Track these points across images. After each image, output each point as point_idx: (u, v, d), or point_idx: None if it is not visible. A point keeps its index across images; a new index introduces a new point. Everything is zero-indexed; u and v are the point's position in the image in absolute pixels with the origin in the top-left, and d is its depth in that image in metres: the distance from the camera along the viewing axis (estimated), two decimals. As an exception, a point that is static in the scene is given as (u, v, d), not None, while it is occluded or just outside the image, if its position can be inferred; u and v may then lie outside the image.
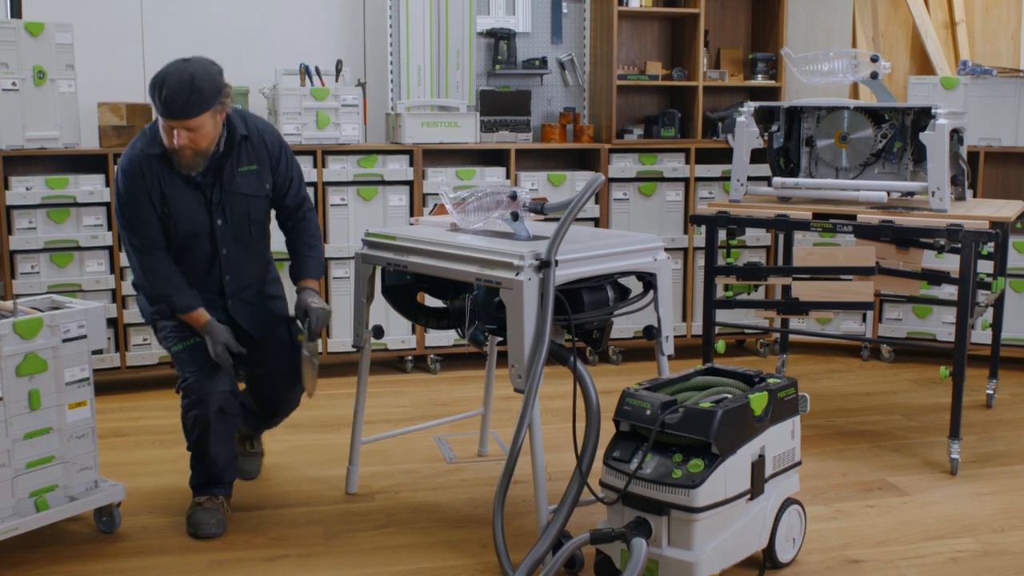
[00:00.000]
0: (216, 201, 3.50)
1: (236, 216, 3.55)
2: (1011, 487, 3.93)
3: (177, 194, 3.45)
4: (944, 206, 4.05)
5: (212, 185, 3.49)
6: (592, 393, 3.11)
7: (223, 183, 3.50)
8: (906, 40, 6.68)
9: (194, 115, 3.28)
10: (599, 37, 5.89)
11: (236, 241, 3.59)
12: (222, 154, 3.48)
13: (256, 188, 3.57)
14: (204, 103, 3.30)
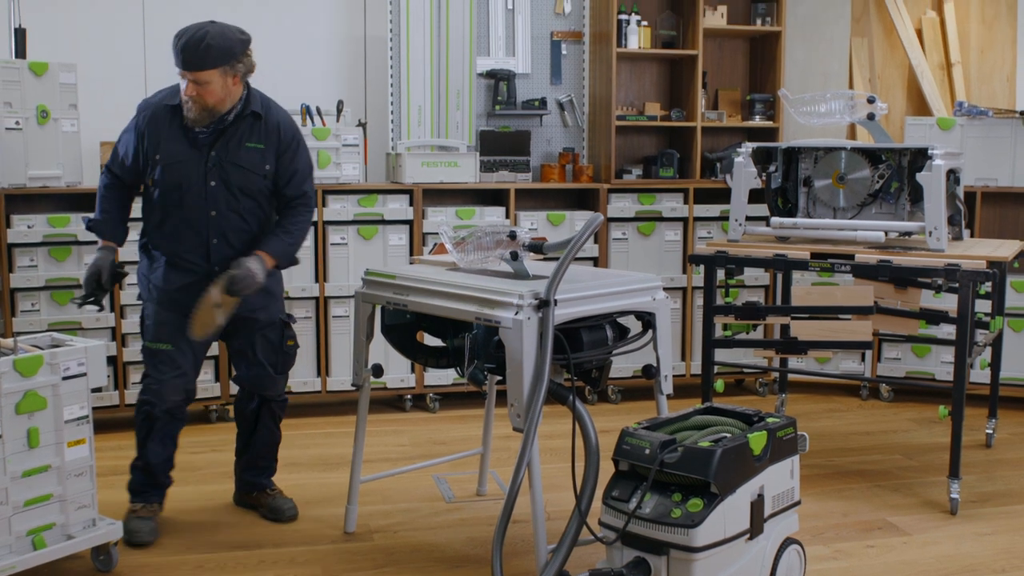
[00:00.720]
0: (213, 164, 3.65)
1: (230, 184, 3.67)
2: (1012, 527, 3.92)
3: (174, 146, 3.64)
4: (941, 246, 4.06)
5: (212, 147, 3.65)
6: (591, 432, 3.11)
7: (226, 150, 3.66)
8: (902, 81, 6.73)
9: (199, 69, 3.51)
10: (598, 78, 5.94)
11: (228, 208, 3.69)
12: (231, 123, 3.66)
13: (255, 165, 3.69)
14: (211, 61, 3.52)
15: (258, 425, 4.01)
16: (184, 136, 3.65)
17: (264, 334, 3.88)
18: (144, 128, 3.68)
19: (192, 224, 3.68)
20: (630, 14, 5.84)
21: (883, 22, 6.68)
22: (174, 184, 3.66)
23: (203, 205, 3.66)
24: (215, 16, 3.68)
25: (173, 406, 3.76)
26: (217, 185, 3.66)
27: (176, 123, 3.65)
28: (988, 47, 6.76)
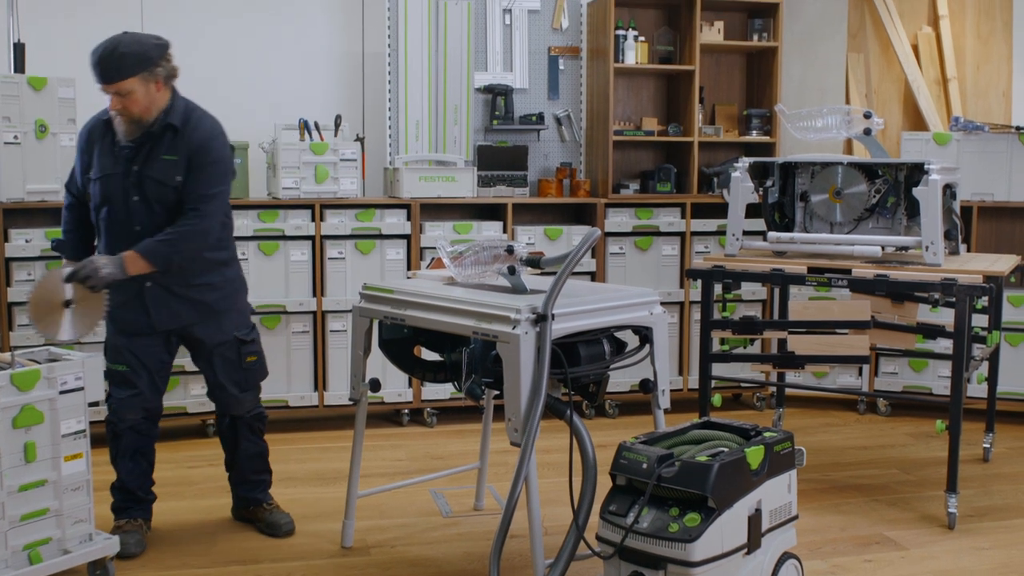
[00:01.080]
0: (134, 179, 3.64)
1: (150, 198, 3.65)
2: (1009, 541, 3.92)
3: (104, 160, 3.67)
4: (938, 260, 4.07)
5: (132, 160, 3.64)
6: (589, 447, 3.11)
7: (146, 163, 3.64)
8: (899, 97, 6.76)
9: (116, 80, 3.51)
10: (595, 93, 5.96)
11: (150, 223, 3.65)
12: (151, 135, 3.63)
13: (168, 177, 3.63)
14: (128, 69, 3.51)
15: (238, 439, 4.01)
16: (112, 151, 3.67)
17: (220, 353, 3.87)
18: (84, 145, 3.74)
19: (121, 240, 3.66)
20: (627, 29, 5.86)
21: (879, 38, 6.70)
22: (104, 199, 3.69)
23: (128, 220, 3.66)
24: (215, 31, 3.69)
25: (135, 423, 3.80)
26: (139, 200, 3.65)
27: (108, 138, 3.68)
28: (984, 62, 6.78)
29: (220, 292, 3.85)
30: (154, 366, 3.81)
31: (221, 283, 3.85)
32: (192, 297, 3.78)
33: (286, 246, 5.32)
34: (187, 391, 5.22)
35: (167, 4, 5.74)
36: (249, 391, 3.97)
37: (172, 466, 4.81)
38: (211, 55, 5.80)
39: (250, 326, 3.98)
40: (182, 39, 5.73)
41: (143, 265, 3.61)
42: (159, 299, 3.73)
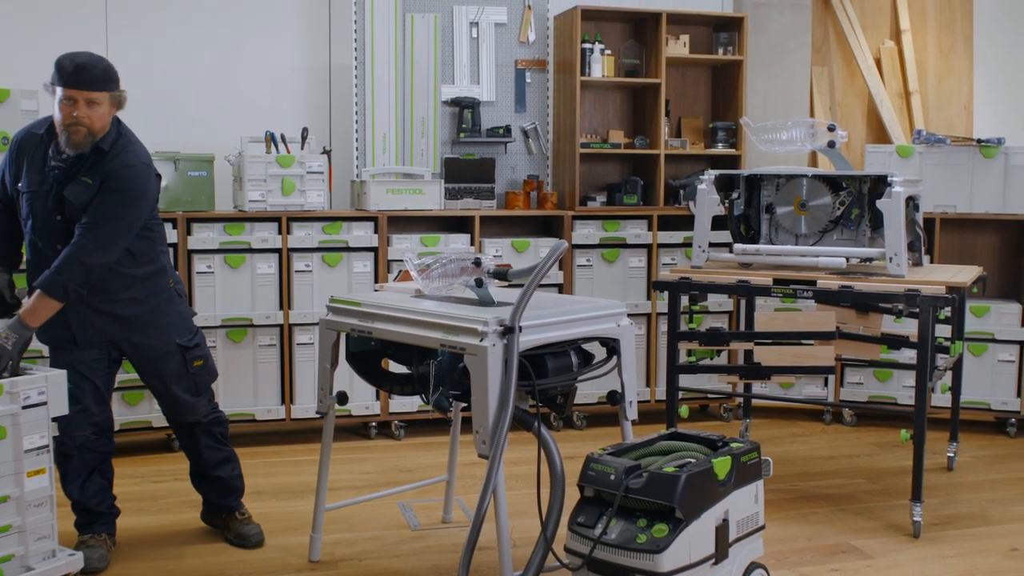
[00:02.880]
0: (56, 198, 3.58)
1: (69, 219, 3.57)
2: (973, 549, 3.95)
3: (32, 175, 3.60)
4: (902, 271, 4.11)
5: (60, 181, 3.57)
6: (556, 458, 3.11)
7: (68, 183, 3.57)
8: (862, 109, 6.83)
9: (99, 88, 3.52)
10: (562, 106, 5.98)
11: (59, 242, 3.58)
12: (83, 157, 3.57)
13: (79, 198, 3.56)
14: (104, 83, 3.55)
15: (199, 448, 4.00)
16: (42, 168, 3.60)
17: (165, 363, 3.83)
18: (14, 154, 3.67)
19: (44, 257, 3.61)
20: (594, 43, 5.89)
21: (843, 52, 6.77)
22: (29, 214, 3.64)
23: (50, 239, 3.60)
24: (180, 43, 3.70)
25: (84, 441, 3.73)
26: (61, 219, 3.59)
27: (40, 152, 3.61)
28: (945, 76, 6.87)
29: (145, 306, 3.77)
30: (98, 378, 3.75)
31: (145, 296, 3.77)
32: (115, 312, 3.72)
33: (252, 259, 5.30)
34: (152, 405, 5.18)
35: (132, 17, 5.71)
36: (202, 395, 3.93)
37: (137, 480, 4.76)
38: (177, 67, 5.78)
39: (192, 331, 3.92)
40: (147, 51, 5.73)
41: (46, 305, 3.49)
42: (80, 315, 3.66)
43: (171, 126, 5.76)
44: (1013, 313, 5.59)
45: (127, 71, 5.66)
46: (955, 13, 6.88)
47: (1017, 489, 4.73)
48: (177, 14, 5.80)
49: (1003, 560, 3.86)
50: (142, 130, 5.67)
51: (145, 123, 5.66)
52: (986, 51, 6.99)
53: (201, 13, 5.84)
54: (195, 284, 5.21)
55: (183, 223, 5.16)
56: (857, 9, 6.74)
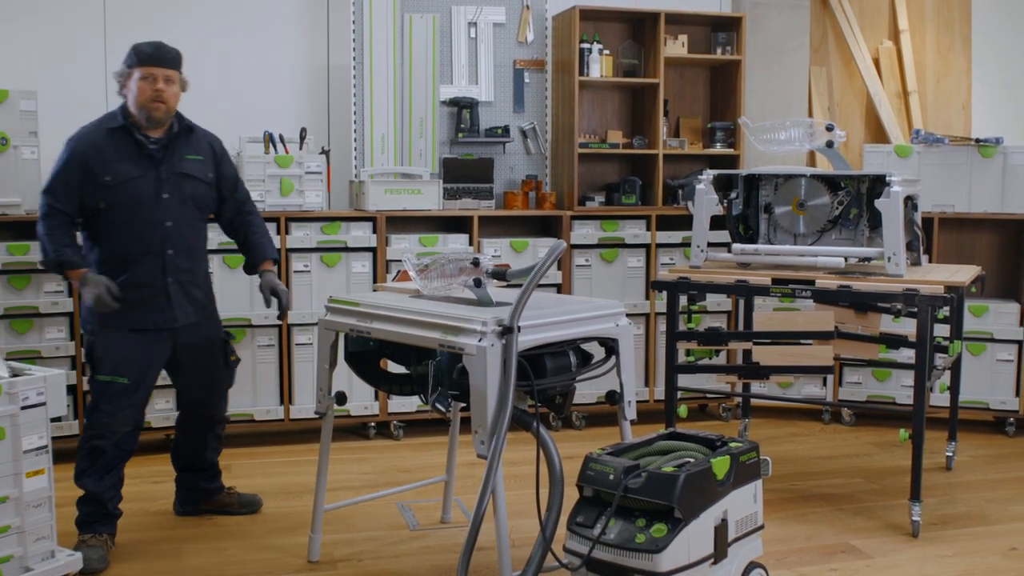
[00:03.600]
0: (165, 176, 3.83)
1: (182, 195, 3.87)
2: (972, 549, 3.96)
3: (127, 164, 3.78)
4: (900, 271, 4.11)
5: (162, 161, 3.83)
6: (555, 459, 3.11)
7: (173, 162, 3.85)
8: (861, 109, 6.83)
9: (175, 67, 3.83)
10: (561, 106, 5.98)
11: (180, 219, 3.87)
12: (175, 135, 3.87)
13: (202, 173, 3.93)
14: (180, 63, 3.87)
15: (206, 446, 4.14)
16: (138, 154, 3.81)
17: (211, 353, 4.03)
18: (85, 157, 3.76)
19: (145, 240, 3.80)
20: (592, 43, 5.89)
21: (841, 51, 6.77)
22: (127, 202, 3.77)
23: (158, 218, 3.81)
24: (179, 44, 3.74)
25: (121, 438, 3.83)
26: (170, 197, 3.83)
27: (123, 143, 3.80)
28: (944, 76, 6.87)
29: (207, 291, 4.06)
30: (151, 378, 3.91)
31: (206, 280, 4.05)
32: (196, 295, 3.96)
33: (251, 259, 5.29)
34: (151, 405, 5.18)
35: (131, 18, 5.70)
36: (227, 391, 4.15)
37: (136, 481, 4.76)
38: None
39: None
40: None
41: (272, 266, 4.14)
42: (179, 295, 3.90)
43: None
44: (1012, 313, 5.59)
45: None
46: (953, 13, 6.88)
47: (1016, 488, 4.73)
48: (175, 15, 5.79)
49: (1002, 559, 3.86)
50: (140, 130, 5.68)
51: (143, 123, 5.69)
52: (984, 51, 6.99)
53: (200, 14, 5.83)
54: (194, 284, 5.21)
55: (182, 223, 5.16)
56: (855, 9, 6.75)
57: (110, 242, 3.82)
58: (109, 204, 3.77)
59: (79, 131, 3.86)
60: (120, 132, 3.81)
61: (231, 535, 4.08)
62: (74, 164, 3.77)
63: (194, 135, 3.95)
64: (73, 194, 3.77)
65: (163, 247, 3.83)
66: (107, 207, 3.77)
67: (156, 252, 3.83)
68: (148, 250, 3.81)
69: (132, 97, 3.80)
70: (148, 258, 3.82)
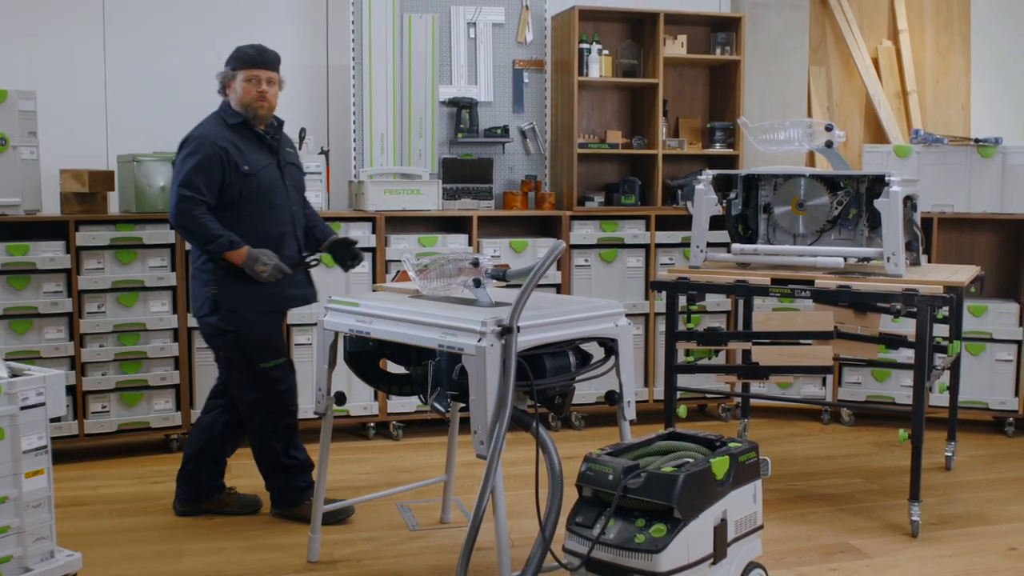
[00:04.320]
0: (283, 164, 4.18)
1: (294, 182, 4.24)
2: (972, 549, 3.96)
3: (256, 155, 4.08)
4: (899, 271, 4.11)
5: (277, 151, 4.17)
6: (555, 459, 3.11)
7: (282, 153, 4.19)
8: (860, 109, 6.83)
9: (276, 69, 4.13)
10: (560, 106, 5.98)
11: (296, 203, 4.22)
12: (275, 128, 4.20)
13: (298, 162, 4.34)
14: (280, 63, 4.18)
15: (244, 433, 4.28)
16: (259, 145, 4.11)
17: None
18: (222, 151, 3.99)
19: (284, 222, 4.14)
20: (591, 43, 5.89)
21: (840, 51, 6.78)
22: (265, 188, 4.07)
23: (287, 203, 4.16)
24: (178, 44, 3.76)
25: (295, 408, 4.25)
26: (288, 183, 4.18)
27: (247, 137, 4.09)
28: (943, 76, 6.87)
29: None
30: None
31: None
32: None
33: (250, 259, 5.29)
34: (150, 406, 5.18)
35: (129, 18, 5.70)
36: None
37: (136, 481, 4.76)
38: (174, 68, 5.77)
39: None
40: (144, 53, 5.73)
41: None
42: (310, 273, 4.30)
43: (169, 127, 5.72)
44: (1011, 313, 5.60)
45: (124, 73, 5.69)
46: (952, 13, 6.88)
47: (1015, 488, 4.73)
48: (174, 15, 5.79)
49: (1001, 559, 3.86)
50: (141, 131, 5.70)
51: (143, 124, 5.69)
52: (983, 51, 7.00)
53: (199, 14, 5.83)
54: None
55: (181, 224, 5.16)
56: (855, 9, 6.75)
57: (253, 227, 4.04)
58: (249, 192, 4.03)
59: (200, 130, 4.05)
60: (240, 127, 4.08)
61: (231, 535, 4.08)
62: (213, 158, 3.96)
63: (284, 135, 4.27)
64: (214, 186, 3.97)
65: (294, 228, 4.17)
66: (247, 195, 4.02)
67: (291, 233, 4.16)
68: (285, 232, 4.13)
69: (236, 97, 4.07)
70: (287, 240, 4.14)
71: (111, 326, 5.07)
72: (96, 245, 5.03)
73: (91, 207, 5.10)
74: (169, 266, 5.17)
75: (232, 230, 3.97)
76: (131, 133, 5.66)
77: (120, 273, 5.08)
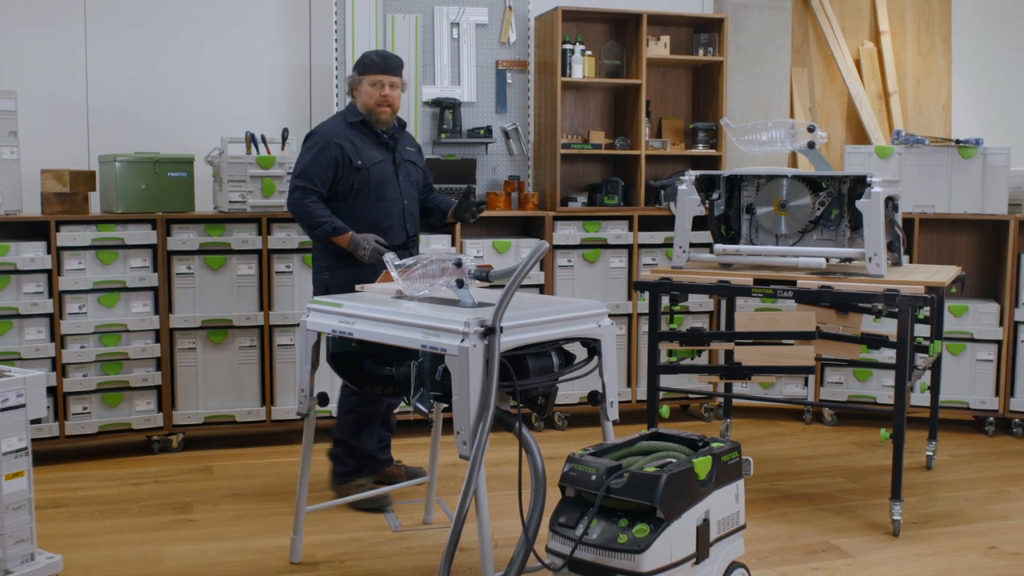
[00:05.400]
0: (398, 162, 4.46)
1: (409, 178, 4.50)
2: (952, 548, 3.98)
3: (371, 151, 4.39)
4: (881, 271, 4.13)
5: (394, 149, 4.45)
6: (538, 459, 3.11)
7: (400, 150, 4.48)
8: (842, 111, 6.86)
9: (399, 73, 4.43)
10: (543, 107, 5.98)
11: (408, 197, 4.48)
12: (396, 128, 4.48)
13: (417, 160, 4.60)
14: (403, 67, 4.47)
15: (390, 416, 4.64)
16: (376, 143, 4.41)
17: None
18: (338, 147, 4.31)
19: (393, 215, 4.41)
20: (575, 44, 5.90)
21: (822, 53, 6.80)
22: (376, 182, 4.37)
23: (398, 197, 4.42)
24: (161, 45, 3.73)
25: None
26: (403, 179, 4.45)
27: (365, 135, 4.40)
28: (924, 77, 6.91)
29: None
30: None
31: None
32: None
33: (232, 260, 5.29)
34: (132, 407, 5.16)
35: (112, 19, 5.68)
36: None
37: (117, 483, 4.74)
38: (158, 68, 5.76)
39: None
40: (127, 53, 5.71)
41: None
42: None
43: (151, 127, 5.74)
44: (991, 313, 5.63)
45: (107, 73, 5.67)
46: (933, 14, 6.92)
47: (995, 487, 4.76)
48: (157, 16, 5.77)
49: (982, 558, 3.88)
50: (122, 131, 5.69)
51: (124, 123, 5.67)
52: (964, 52, 7.04)
53: (182, 14, 5.81)
54: (175, 286, 5.20)
55: (162, 224, 5.14)
56: (837, 11, 6.78)
57: (363, 217, 4.34)
58: (360, 185, 4.33)
59: (322, 128, 4.42)
60: (360, 125, 4.40)
61: (213, 537, 4.07)
62: (329, 153, 4.30)
63: (407, 131, 4.58)
64: (328, 178, 4.31)
65: (404, 221, 4.44)
66: (358, 188, 4.33)
67: (399, 226, 4.42)
68: (393, 224, 4.40)
69: (361, 100, 4.40)
70: (394, 231, 4.40)
71: (92, 327, 5.05)
72: (77, 245, 5.01)
73: (72, 207, 5.08)
74: (151, 267, 5.15)
75: (344, 219, 4.30)
76: (113, 133, 5.64)
77: (101, 273, 5.06)
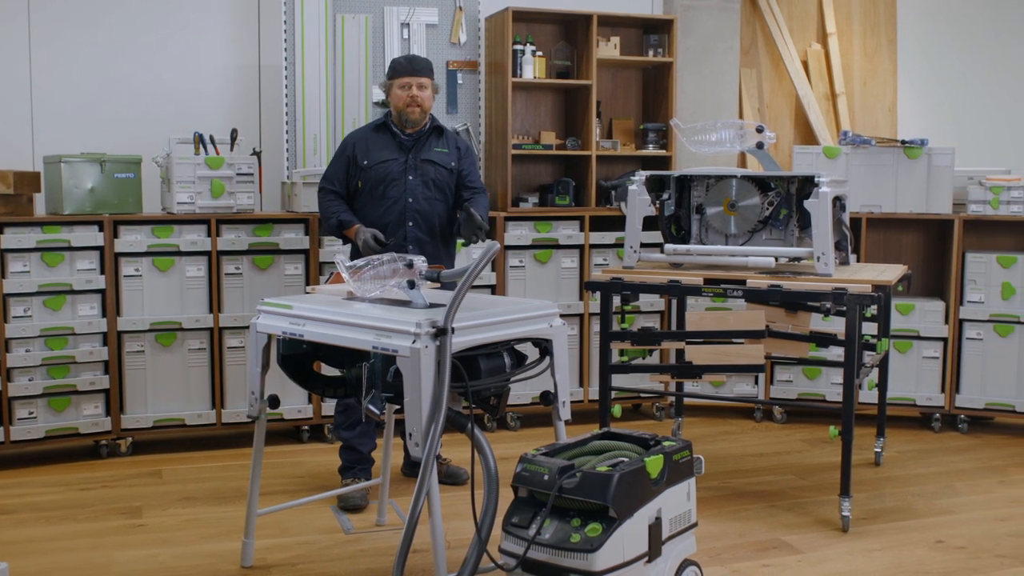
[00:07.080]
0: (412, 162, 4.57)
1: (424, 176, 4.57)
2: (900, 542, 4.03)
3: (381, 151, 4.57)
4: (829, 270, 4.17)
5: (412, 150, 4.57)
6: (490, 459, 3.11)
7: (422, 152, 4.59)
8: (790, 111, 6.93)
9: (428, 74, 4.57)
10: (494, 107, 5.98)
11: (422, 197, 4.56)
12: (425, 131, 4.60)
13: (445, 161, 4.63)
14: (431, 72, 4.62)
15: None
16: (391, 144, 4.58)
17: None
18: (353, 147, 4.59)
19: (389, 213, 4.53)
20: (525, 44, 5.90)
21: (771, 54, 6.87)
22: (377, 180, 4.53)
23: (402, 195, 4.53)
24: (107, 43, 3.68)
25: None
26: (413, 178, 4.54)
27: (383, 136, 4.60)
28: (871, 78, 7.00)
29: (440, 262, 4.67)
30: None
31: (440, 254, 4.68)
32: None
33: (181, 262, 5.23)
34: (79, 411, 5.09)
35: (56, 16, 5.60)
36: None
37: (64, 489, 4.68)
38: (104, 67, 5.69)
39: None
40: (72, 51, 5.64)
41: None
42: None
43: (97, 127, 5.67)
44: (937, 311, 5.71)
45: (51, 71, 5.59)
46: (879, 16, 7.01)
47: (942, 483, 4.83)
48: (103, 13, 5.70)
49: (929, 552, 3.93)
50: (67, 131, 5.63)
51: (70, 124, 5.60)
52: (909, 54, 7.14)
53: (128, 12, 5.75)
54: (122, 287, 5.13)
55: (110, 226, 5.08)
56: (784, 12, 6.84)
57: (366, 213, 4.56)
58: (365, 183, 4.55)
59: (351, 132, 4.76)
60: (382, 128, 4.61)
61: (164, 542, 4.03)
62: (344, 154, 4.60)
63: (445, 134, 4.68)
64: (340, 176, 4.60)
65: (404, 220, 4.53)
66: (364, 186, 4.55)
67: (399, 223, 4.52)
68: (390, 222, 4.52)
69: (393, 103, 4.57)
70: (392, 228, 4.52)
71: (38, 330, 4.97)
72: (22, 248, 4.93)
73: (16, 209, 5.00)
74: (98, 269, 5.08)
75: (357, 215, 4.56)
76: (60, 136, 5.56)
77: (47, 276, 4.99)
